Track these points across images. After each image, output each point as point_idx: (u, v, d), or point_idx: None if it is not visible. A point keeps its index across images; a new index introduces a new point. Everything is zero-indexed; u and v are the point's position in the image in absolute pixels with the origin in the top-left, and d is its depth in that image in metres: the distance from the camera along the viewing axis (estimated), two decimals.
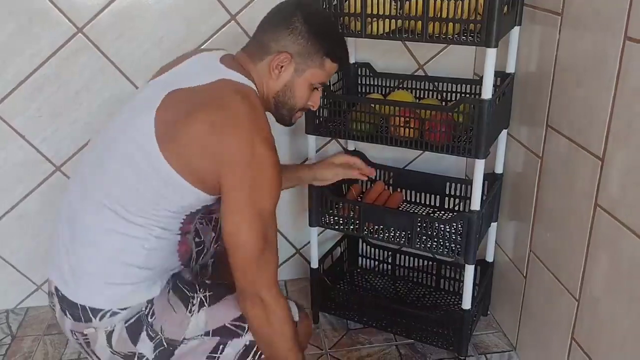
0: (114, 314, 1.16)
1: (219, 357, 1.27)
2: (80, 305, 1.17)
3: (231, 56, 1.26)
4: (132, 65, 1.68)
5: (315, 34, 1.22)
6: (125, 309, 1.17)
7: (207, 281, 1.34)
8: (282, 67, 1.22)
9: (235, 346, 1.27)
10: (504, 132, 1.57)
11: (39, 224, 1.81)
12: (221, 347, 1.26)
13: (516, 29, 1.46)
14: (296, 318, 1.33)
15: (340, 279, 1.95)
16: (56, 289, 1.20)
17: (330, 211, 1.63)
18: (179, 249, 1.23)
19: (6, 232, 1.82)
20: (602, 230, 1.20)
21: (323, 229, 1.88)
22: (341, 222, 1.61)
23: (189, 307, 1.24)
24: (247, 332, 1.27)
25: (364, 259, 2.00)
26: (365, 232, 1.57)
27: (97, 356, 1.22)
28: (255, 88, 1.21)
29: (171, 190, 1.13)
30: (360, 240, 1.98)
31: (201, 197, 1.16)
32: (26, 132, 1.71)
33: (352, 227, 1.60)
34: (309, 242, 1.75)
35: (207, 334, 1.24)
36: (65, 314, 1.19)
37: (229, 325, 1.26)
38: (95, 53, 1.65)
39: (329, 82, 1.51)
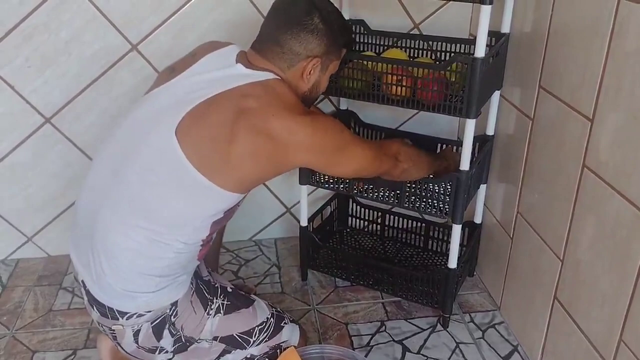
0: (140, 315, 1.20)
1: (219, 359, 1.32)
2: (107, 306, 1.19)
3: (244, 53, 1.23)
4: (122, 15, 1.65)
5: (335, 31, 1.23)
6: (150, 311, 1.20)
7: (229, 289, 1.36)
8: (312, 70, 1.23)
9: (237, 355, 1.33)
10: (497, 93, 1.57)
11: (28, 176, 1.81)
12: (225, 354, 1.32)
13: None
14: (295, 343, 1.40)
15: (330, 238, 1.97)
16: (83, 282, 1.22)
17: None
18: (199, 255, 1.24)
19: None
20: (589, 190, 1.20)
21: (314, 188, 1.89)
22: (331, 180, 1.61)
23: (207, 309, 1.28)
24: (251, 345, 1.33)
25: (354, 219, 2.01)
26: (355, 191, 1.58)
27: (122, 347, 1.26)
28: (278, 76, 1.20)
29: (210, 200, 1.13)
30: (350, 201, 1.99)
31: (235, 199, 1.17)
32: (15, 83, 1.69)
33: (341, 185, 1.60)
34: (299, 202, 1.75)
35: (215, 338, 1.29)
36: (93, 307, 1.22)
37: (236, 336, 1.31)
38: (84, 2, 1.61)
39: None
